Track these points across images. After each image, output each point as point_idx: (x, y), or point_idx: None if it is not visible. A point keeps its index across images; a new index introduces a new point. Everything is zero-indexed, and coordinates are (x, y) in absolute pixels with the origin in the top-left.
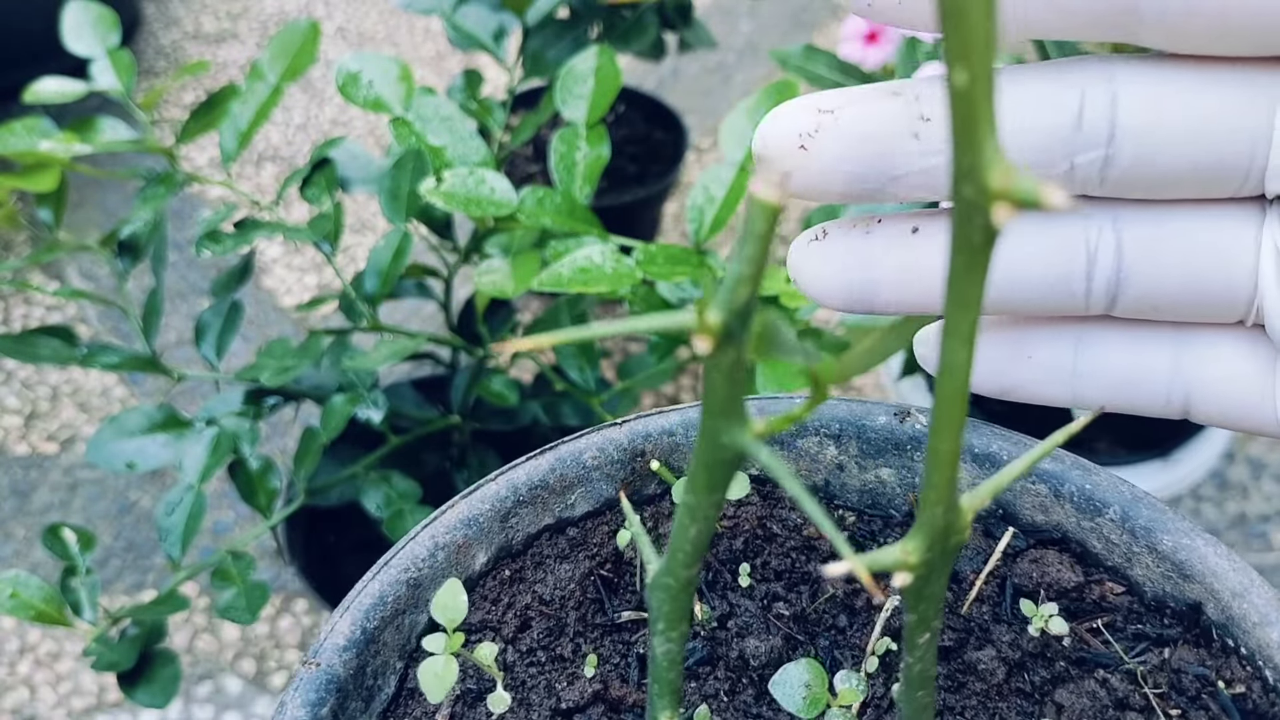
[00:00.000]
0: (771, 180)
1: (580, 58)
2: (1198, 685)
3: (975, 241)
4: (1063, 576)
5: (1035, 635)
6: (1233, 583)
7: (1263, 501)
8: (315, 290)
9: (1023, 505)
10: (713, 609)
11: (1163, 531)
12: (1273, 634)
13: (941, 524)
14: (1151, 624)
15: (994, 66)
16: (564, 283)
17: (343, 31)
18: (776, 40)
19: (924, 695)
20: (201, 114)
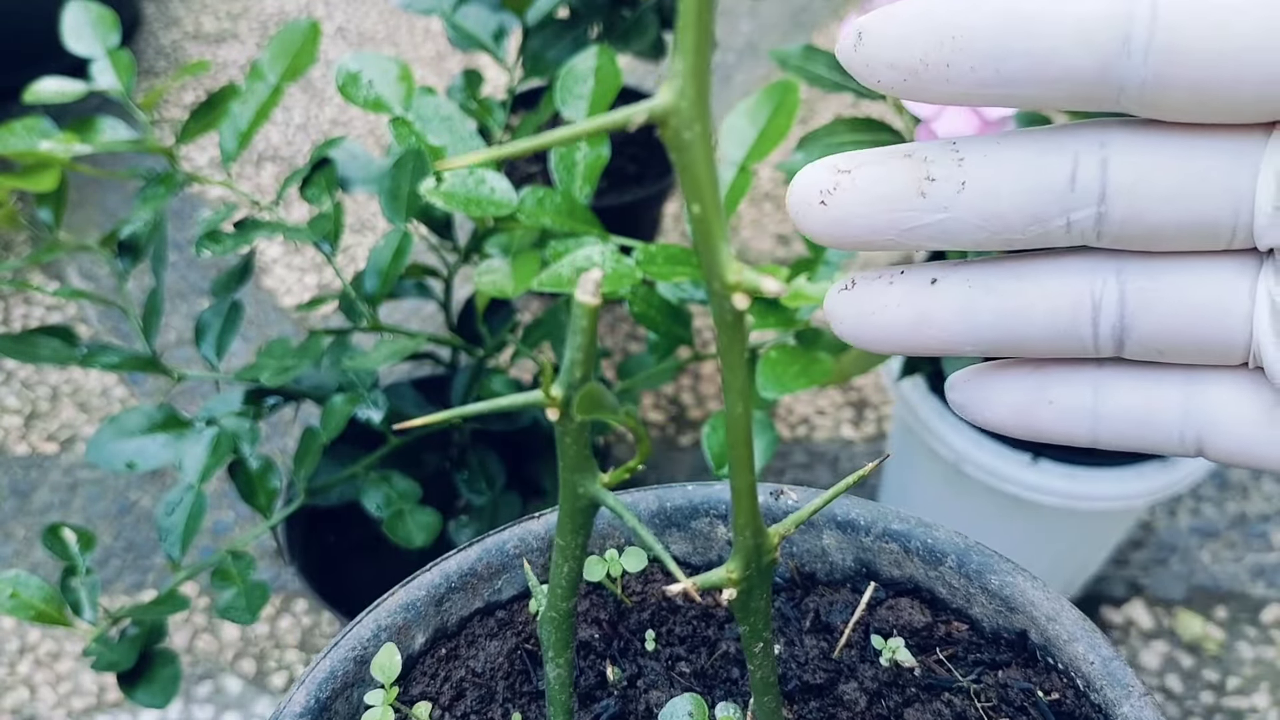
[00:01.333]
0: (589, 288)
1: (580, 58)
2: (1022, 697)
3: (729, 320)
4: (914, 619)
5: (887, 666)
6: (1047, 609)
7: (1263, 501)
8: (315, 290)
9: (881, 563)
10: (623, 671)
11: (991, 573)
12: (1079, 648)
13: (752, 545)
14: (988, 652)
15: (719, 200)
16: (564, 283)
17: (343, 31)
18: (776, 40)
19: (770, 700)
20: (201, 114)
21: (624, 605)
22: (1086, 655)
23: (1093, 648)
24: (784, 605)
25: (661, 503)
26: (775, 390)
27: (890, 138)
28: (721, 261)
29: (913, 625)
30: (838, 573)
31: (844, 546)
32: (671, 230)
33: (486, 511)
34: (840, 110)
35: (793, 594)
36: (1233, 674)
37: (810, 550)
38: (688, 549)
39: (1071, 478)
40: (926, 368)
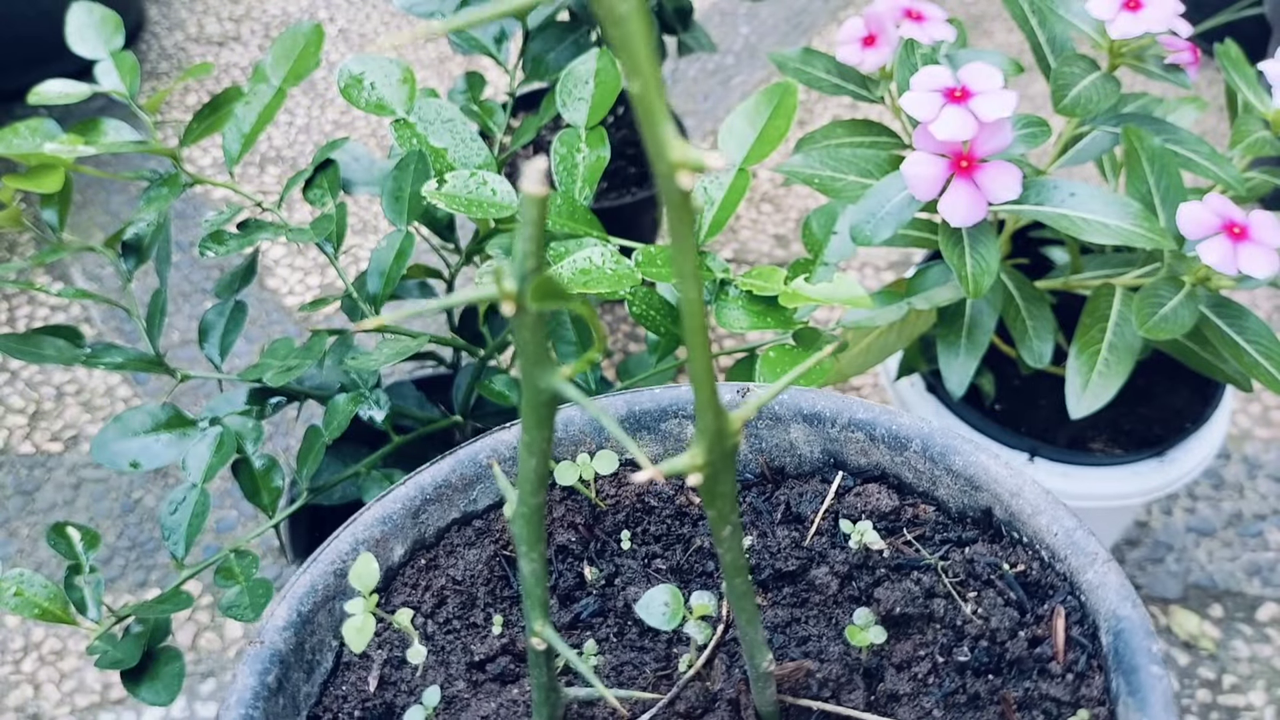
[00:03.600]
0: (535, 178)
1: (581, 61)
2: (989, 571)
3: (676, 199)
4: (882, 503)
5: (856, 549)
6: (1010, 485)
7: (1259, 500)
8: (318, 291)
9: (848, 452)
10: (601, 571)
11: (955, 454)
12: (1043, 520)
13: (714, 429)
14: (955, 530)
15: (658, 76)
16: (565, 284)
17: (345, 34)
18: (775, 43)
19: (740, 582)
20: (205, 116)
21: (599, 509)
22: (1050, 527)
23: (1056, 519)
24: (756, 500)
25: (630, 406)
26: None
27: (889, 140)
28: (664, 140)
29: (880, 510)
30: (807, 465)
31: (811, 439)
32: None
33: None
34: (838, 112)
35: (764, 488)
36: (1229, 672)
37: (779, 445)
38: (659, 450)
39: (1067, 476)
40: (924, 367)
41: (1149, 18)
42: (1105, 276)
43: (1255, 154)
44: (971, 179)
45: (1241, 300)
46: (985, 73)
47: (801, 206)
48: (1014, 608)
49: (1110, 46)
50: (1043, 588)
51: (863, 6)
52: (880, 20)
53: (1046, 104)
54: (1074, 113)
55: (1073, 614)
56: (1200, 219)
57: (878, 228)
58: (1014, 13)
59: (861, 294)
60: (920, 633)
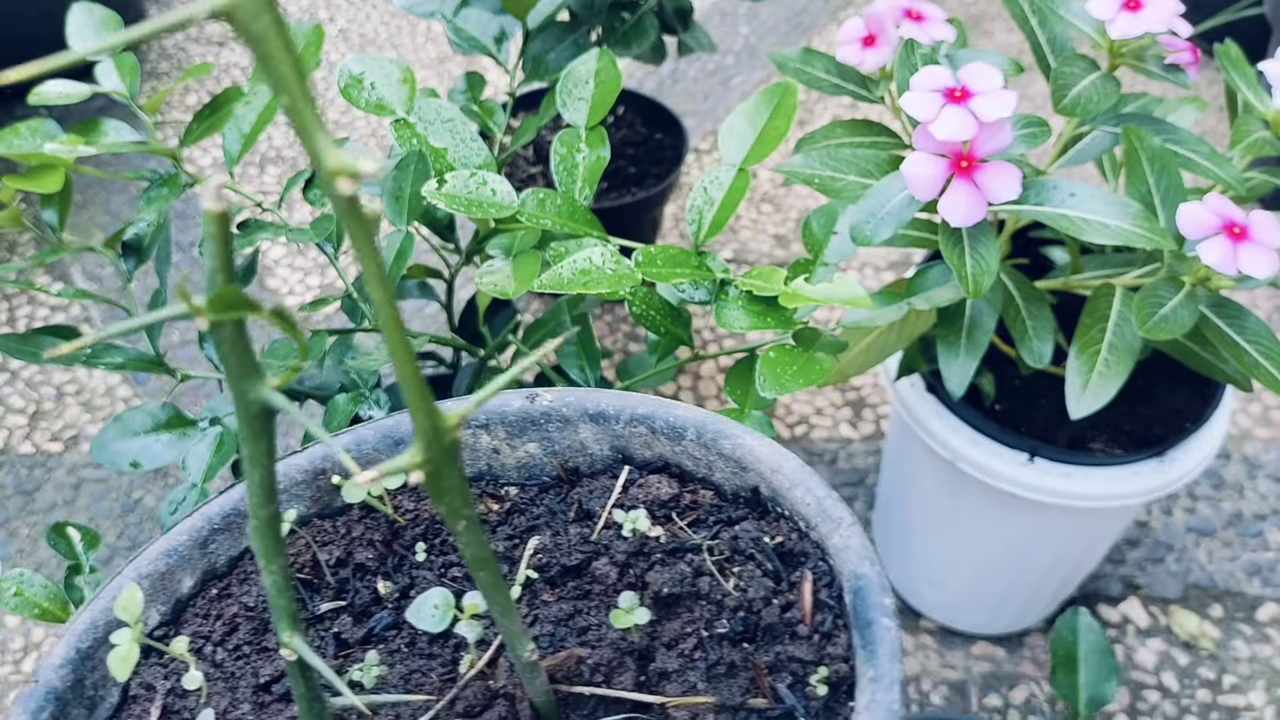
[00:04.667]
0: (211, 195)
1: (581, 61)
2: (751, 545)
3: (344, 205)
4: (663, 492)
5: (630, 537)
6: (771, 463)
7: (1258, 500)
8: (318, 291)
9: (634, 446)
10: (395, 584)
11: (724, 439)
12: (798, 493)
13: (429, 427)
14: (728, 511)
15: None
16: (565, 284)
17: (345, 34)
18: (775, 43)
19: (486, 575)
20: (205, 116)
21: (397, 524)
22: (804, 499)
23: (809, 490)
24: (552, 501)
25: (397, 423)
26: (774, 389)
27: (889, 140)
28: (320, 150)
29: (660, 498)
30: (598, 463)
31: (600, 437)
32: (671, 231)
33: None
34: (838, 113)
35: (560, 490)
36: (1229, 672)
37: (571, 445)
38: None
39: (1068, 476)
40: (923, 367)
41: (1149, 18)
42: (1105, 276)
43: (1255, 154)
44: (971, 179)
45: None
46: (985, 73)
47: (801, 206)
48: (770, 578)
49: (1110, 46)
50: (796, 556)
51: (863, 6)
52: (880, 20)
53: (1046, 104)
54: (1074, 113)
55: (822, 578)
56: (1200, 219)
57: (878, 228)
58: (1014, 13)
59: (861, 294)
60: (689, 610)
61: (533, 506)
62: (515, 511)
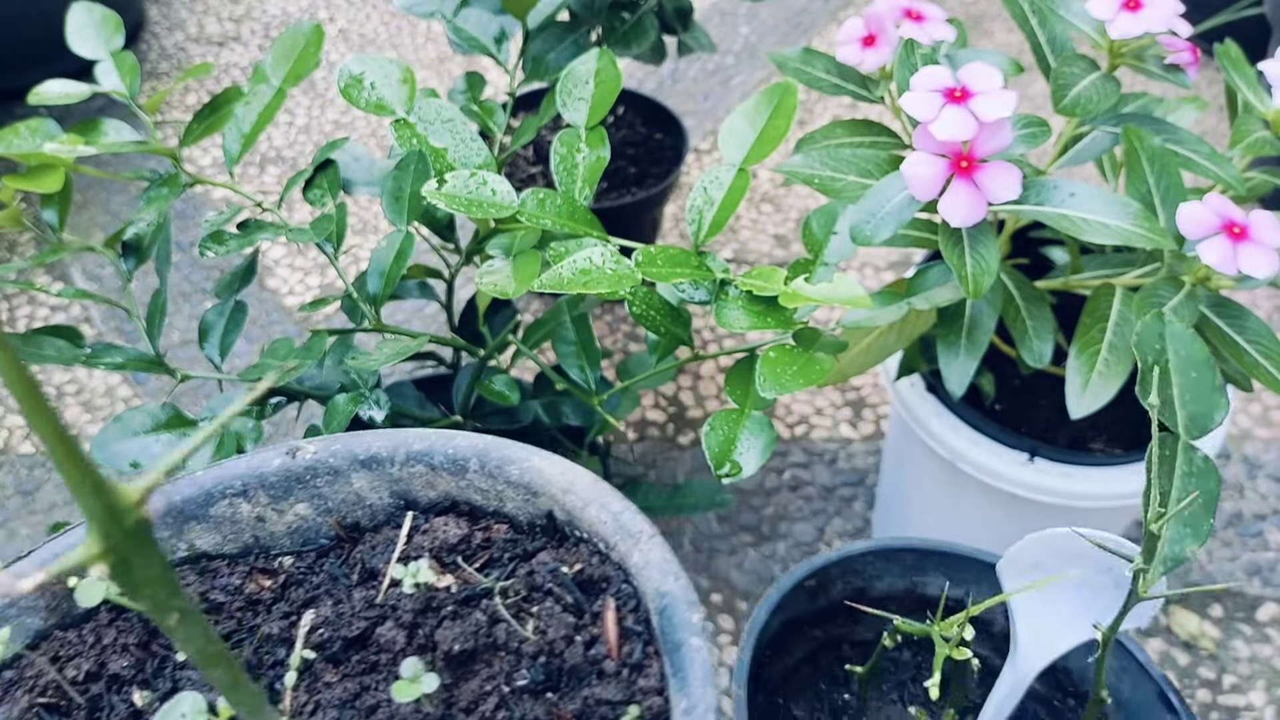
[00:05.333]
0: None
1: (581, 61)
2: (549, 579)
3: None
4: (450, 535)
5: (413, 592)
6: (562, 483)
7: (1258, 500)
8: (318, 291)
9: (415, 489)
10: (155, 691)
11: (510, 464)
12: (593, 511)
13: (100, 508)
14: (525, 543)
15: None
16: (565, 284)
17: (345, 34)
18: (775, 43)
19: (220, 673)
20: (205, 116)
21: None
22: (599, 516)
23: (604, 507)
24: (333, 565)
25: (169, 499)
26: (774, 389)
27: (889, 140)
28: None
29: (449, 542)
30: (380, 513)
31: (376, 484)
32: (671, 231)
33: None
34: (838, 112)
35: (341, 551)
36: (1229, 672)
37: (346, 499)
38: (217, 539)
39: (1068, 476)
40: (923, 367)
41: (1149, 18)
42: (1105, 276)
43: (1255, 154)
44: (971, 179)
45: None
46: (985, 73)
47: (801, 206)
48: (571, 612)
49: (1110, 46)
50: (598, 582)
51: (863, 6)
52: (880, 20)
53: (1046, 104)
54: (1074, 113)
55: (627, 601)
56: (1200, 219)
57: (878, 228)
58: (1014, 13)
59: (861, 294)
60: (487, 665)
61: (311, 575)
62: (291, 584)
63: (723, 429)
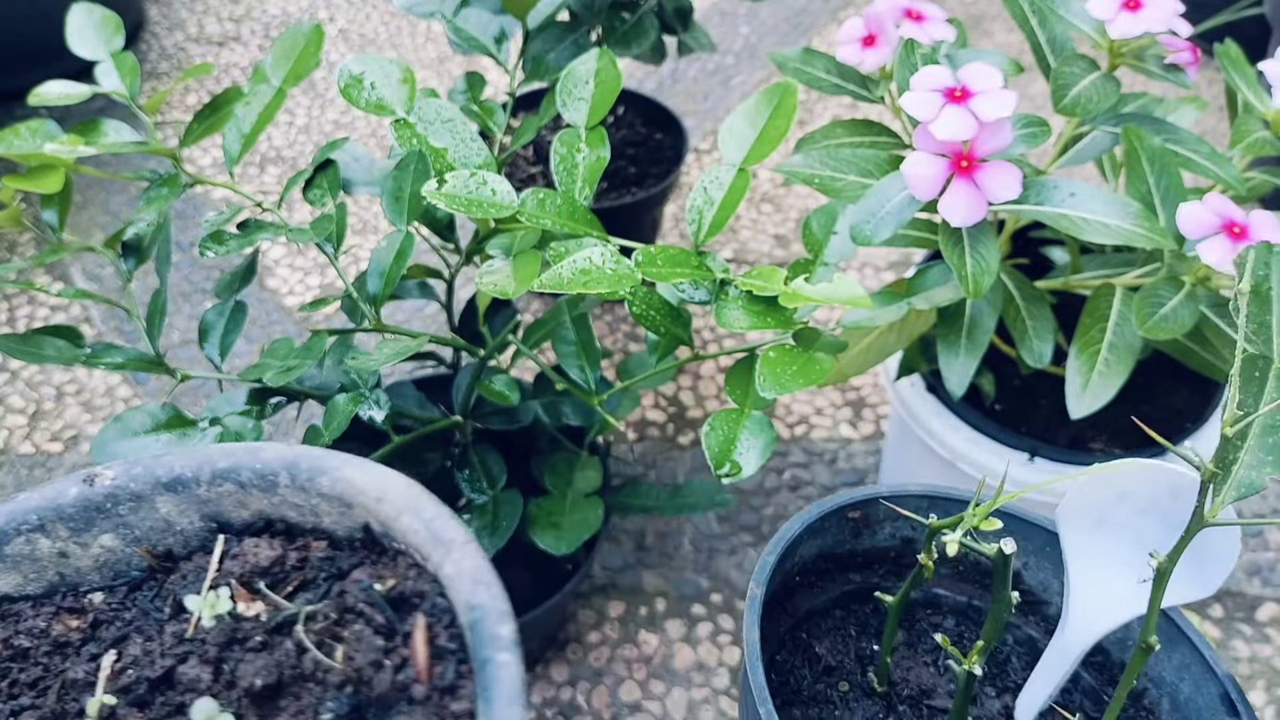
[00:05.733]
0: None
1: (581, 61)
2: (362, 599)
3: None
4: (261, 557)
5: (214, 626)
6: (375, 491)
7: (1258, 500)
8: (318, 291)
9: (226, 508)
10: None
11: (321, 475)
12: (406, 520)
13: None
14: (343, 560)
15: None
16: (565, 284)
17: (345, 34)
18: (775, 43)
19: None
20: (205, 116)
21: None
22: (412, 525)
23: (417, 515)
24: (145, 600)
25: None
26: (774, 389)
27: (889, 140)
28: None
29: (261, 565)
30: (192, 539)
31: (184, 507)
32: (671, 231)
33: (488, 509)
34: (838, 112)
35: (154, 582)
36: None
37: (154, 526)
38: (18, 579)
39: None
40: (924, 367)
41: (1149, 18)
42: (1105, 276)
43: (1255, 154)
44: (971, 179)
45: None
46: (985, 73)
47: (801, 206)
48: (382, 634)
49: (1110, 46)
50: (411, 598)
51: (863, 6)
52: (880, 20)
53: (1046, 104)
54: (1074, 113)
55: (442, 617)
56: (1200, 219)
57: (878, 228)
58: (1014, 13)
59: (861, 294)
60: (295, 699)
61: (123, 611)
62: (102, 622)
63: (723, 429)
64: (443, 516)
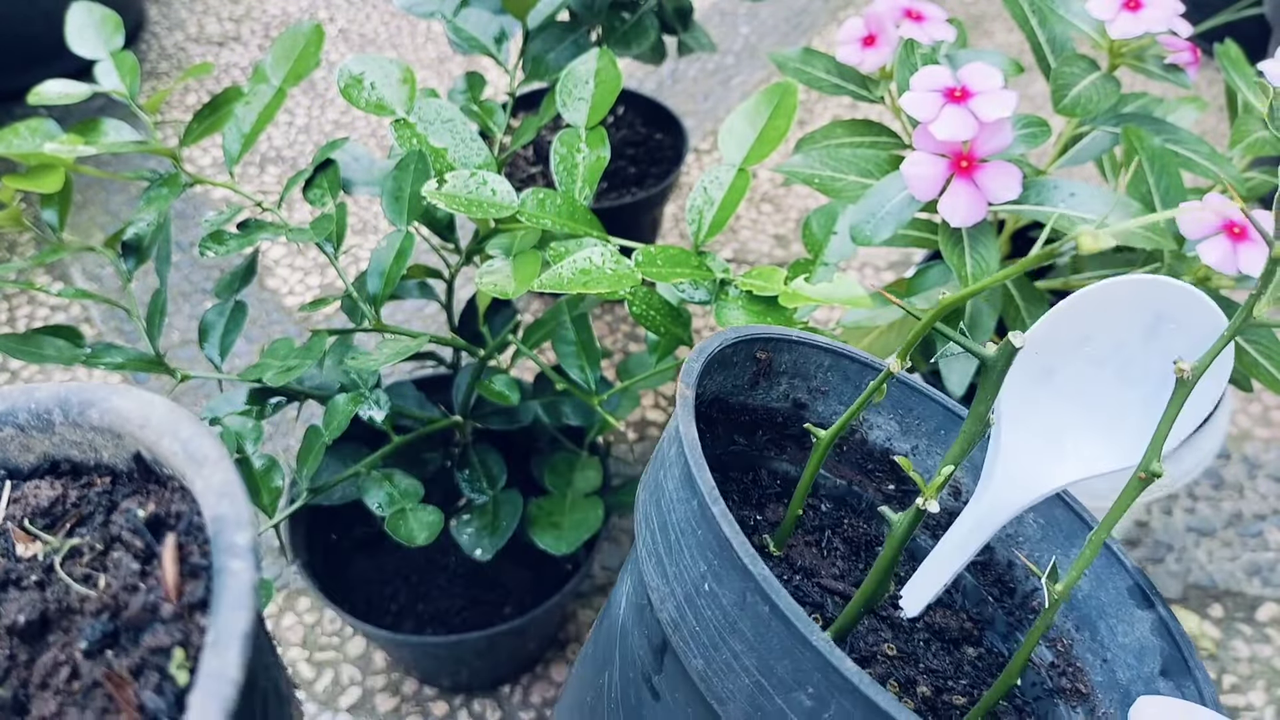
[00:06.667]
0: None
1: (581, 61)
2: (124, 525)
3: None
4: (42, 497)
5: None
6: (138, 418)
7: (1258, 500)
8: (318, 291)
9: (11, 454)
10: None
11: (91, 408)
12: (166, 443)
13: None
14: (119, 494)
15: None
16: (565, 284)
17: (345, 34)
18: (775, 43)
19: None
20: (205, 116)
21: None
22: (171, 447)
23: (175, 436)
24: None
25: None
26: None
27: (889, 140)
28: None
29: (40, 506)
30: None
31: None
32: (671, 231)
33: (488, 510)
34: (838, 112)
35: None
36: (1229, 672)
37: None
38: None
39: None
40: (924, 367)
41: (1149, 18)
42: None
43: (1255, 154)
44: (971, 179)
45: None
46: (985, 73)
47: (801, 206)
48: (140, 558)
49: (1110, 46)
50: (168, 519)
51: (863, 6)
52: (880, 20)
53: (1046, 104)
54: (1074, 113)
55: (196, 536)
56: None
57: (878, 228)
58: (1014, 13)
59: (861, 294)
60: (63, 633)
61: None
62: None
63: None
64: (199, 436)
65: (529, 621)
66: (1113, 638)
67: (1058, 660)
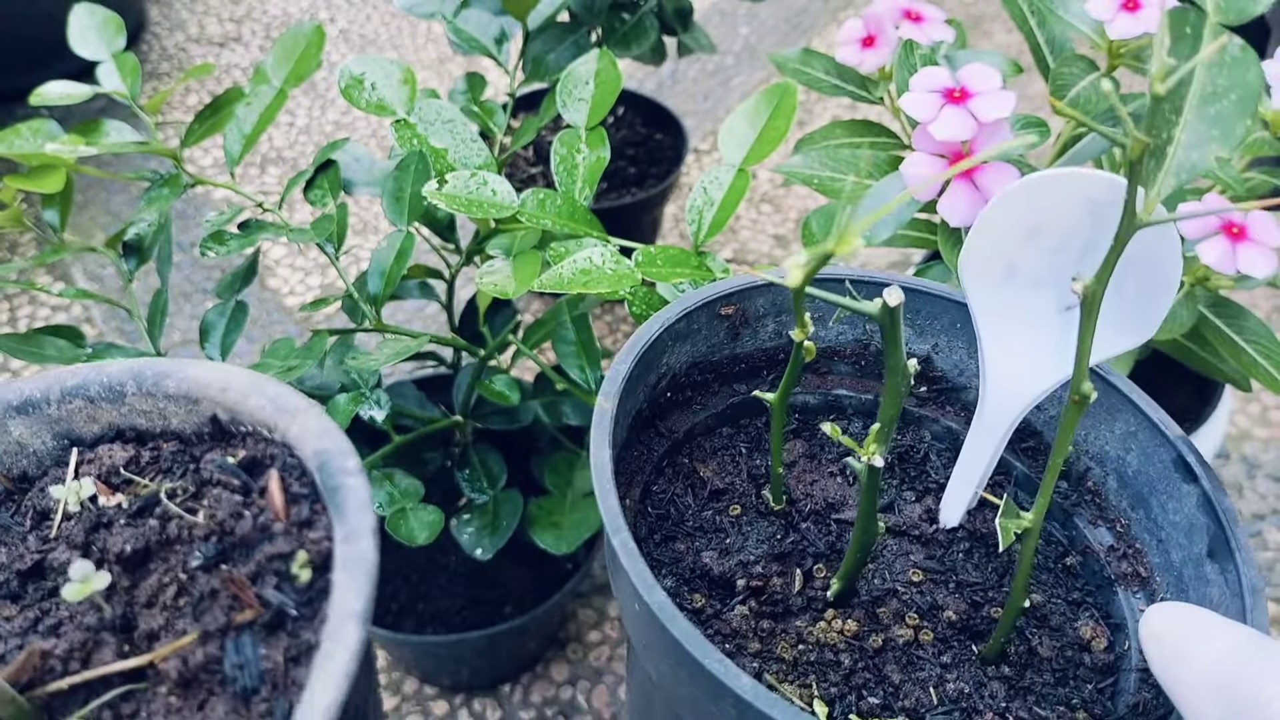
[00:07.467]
0: None
1: (581, 61)
2: (217, 471)
3: None
4: (116, 458)
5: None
6: (219, 383)
7: (1257, 500)
8: (319, 291)
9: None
10: None
11: (167, 378)
12: (253, 401)
13: None
14: (193, 452)
15: None
16: (565, 284)
17: (345, 35)
18: (775, 44)
19: None
20: (206, 117)
21: None
22: (259, 404)
23: (262, 394)
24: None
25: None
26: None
27: (888, 140)
28: None
29: (115, 465)
30: (46, 458)
31: (36, 429)
32: (671, 232)
33: (488, 509)
34: (838, 113)
35: (11, 503)
36: None
37: (7, 451)
38: None
39: None
40: None
41: (1148, 18)
42: None
43: (1255, 154)
44: (971, 179)
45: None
46: (984, 73)
47: (801, 206)
48: (239, 493)
49: (1109, 47)
50: (262, 461)
51: (862, 7)
52: (879, 21)
53: (1045, 104)
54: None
55: (292, 471)
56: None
57: (877, 228)
58: (1013, 13)
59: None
60: (164, 561)
61: None
62: None
63: None
64: (287, 392)
65: (529, 621)
66: (1164, 515)
67: (1117, 544)
